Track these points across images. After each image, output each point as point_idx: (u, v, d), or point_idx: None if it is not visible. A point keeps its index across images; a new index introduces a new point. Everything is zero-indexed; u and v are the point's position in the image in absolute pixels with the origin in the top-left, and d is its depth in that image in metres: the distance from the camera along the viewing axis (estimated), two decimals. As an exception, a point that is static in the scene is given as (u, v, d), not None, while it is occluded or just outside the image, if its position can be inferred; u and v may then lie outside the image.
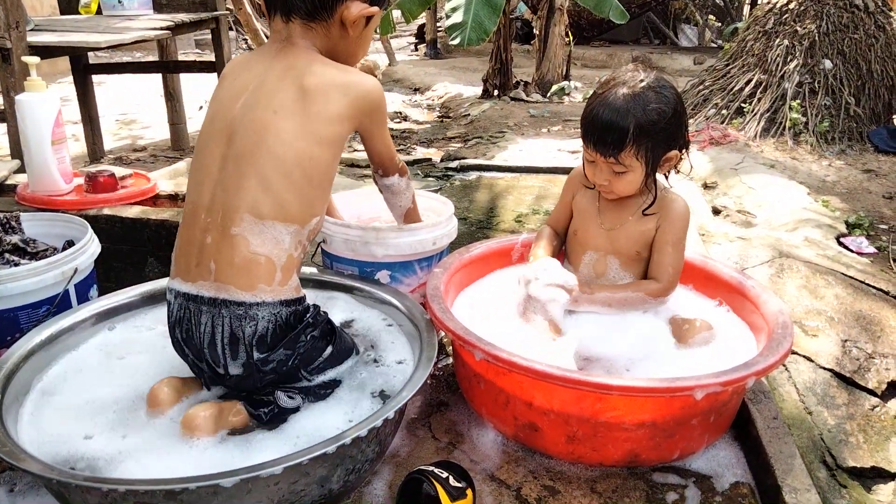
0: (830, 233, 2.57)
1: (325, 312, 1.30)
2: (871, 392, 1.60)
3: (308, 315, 1.23)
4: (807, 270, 2.09)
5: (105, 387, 1.27)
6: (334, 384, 1.29)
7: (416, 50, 10.33)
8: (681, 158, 1.51)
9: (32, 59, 1.86)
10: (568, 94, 5.97)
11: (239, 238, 1.14)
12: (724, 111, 4.01)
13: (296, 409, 1.21)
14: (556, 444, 1.30)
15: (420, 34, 10.26)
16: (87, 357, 1.37)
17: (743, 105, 3.96)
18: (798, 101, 3.78)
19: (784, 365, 1.64)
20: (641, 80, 1.42)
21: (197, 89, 5.24)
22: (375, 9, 1.24)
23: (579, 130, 1.50)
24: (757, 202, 2.98)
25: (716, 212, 2.93)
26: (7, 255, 1.54)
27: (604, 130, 1.41)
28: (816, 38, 3.82)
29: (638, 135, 1.39)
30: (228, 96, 1.21)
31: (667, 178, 1.55)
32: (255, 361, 1.15)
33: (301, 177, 1.17)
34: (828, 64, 3.80)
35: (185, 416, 1.14)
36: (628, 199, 1.54)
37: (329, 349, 1.28)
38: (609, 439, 1.26)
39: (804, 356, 1.69)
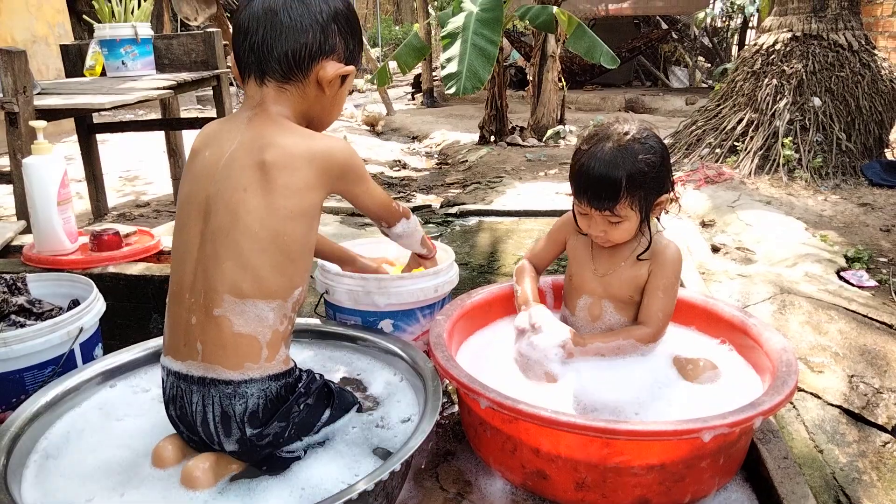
0: (830, 267, 2.58)
1: (319, 376, 1.29)
2: (882, 428, 1.58)
3: (300, 385, 1.21)
4: (809, 306, 2.09)
5: (106, 448, 1.26)
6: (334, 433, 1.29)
7: (413, 99, 10.53)
8: (670, 200, 1.55)
9: (39, 124, 1.90)
10: (563, 138, 6.06)
11: (222, 319, 1.13)
12: (717, 150, 4.07)
13: (297, 458, 1.21)
14: (565, 491, 1.28)
15: (416, 84, 10.48)
16: (89, 417, 1.36)
17: (736, 143, 4.02)
18: (790, 138, 3.84)
19: (791, 402, 1.63)
20: (626, 133, 1.46)
21: (199, 144, 5.32)
22: (351, 68, 1.23)
23: (569, 179, 1.54)
24: (755, 238, 3.00)
25: (715, 249, 2.95)
26: (13, 317, 1.55)
27: (597, 185, 1.44)
28: (804, 76, 3.91)
29: (631, 186, 1.43)
30: (202, 172, 1.19)
31: (658, 220, 1.58)
32: (250, 438, 1.14)
33: (278, 253, 1.15)
34: (817, 101, 3.88)
35: (183, 470, 1.14)
36: (621, 246, 1.57)
37: (327, 412, 1.27)
38: (619, 485, 1.24)
39: (811, 393, 1.68)
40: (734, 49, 10.87)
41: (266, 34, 1.15)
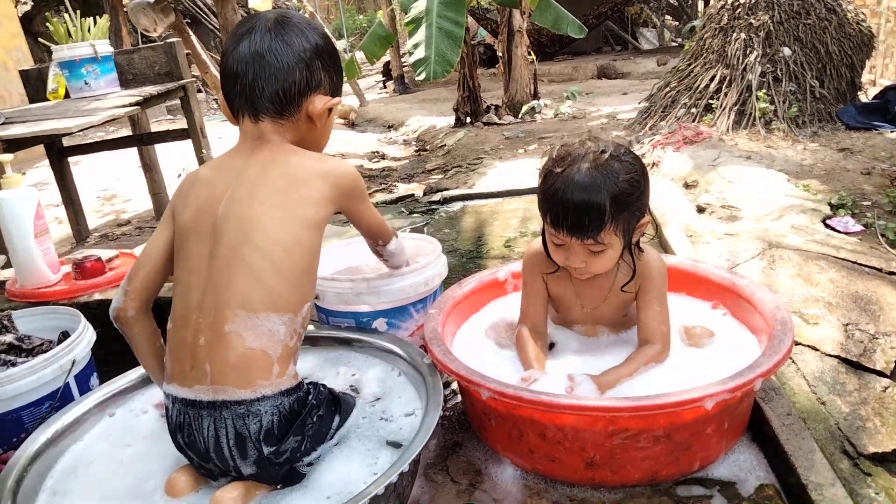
0: (816, 216, 2.59)
1: (324, 387, 1.29)
2: (881, 373, 1.60)
3: (311, 397, 1.22)
4: (798, 258, 2.11)
5: (116, 478, 1.25)
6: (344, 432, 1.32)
7: (385, 87, 10.45)
8: (647, 222, 1.42)
9: (6, 157, 1.87)
10: (539, 112, 6.04)
11: (233, 335, 1.12)
12: (693, 109, 4.06)
13: (310, 465, 1.22)
14: (575, 471, 1.29)
15: (387, 71, 10.40)
16: (94, 448, 1.35)
17: (711, 101, 4.01)
18: (764, 90, 3.84)
19: (791, 358, 1.64)
20: (603, 151, 1.32)
21: (173, 156, 5.26)
22: (337, 99, 1.30)
23: (541, 206, 1.38)
24: (739, 195, 3.01)
25: (700, 210, 2.95)
26: (3, 356, 1.53)
27: (579, 212, 1.29)
28: (771, 27, 3.89)
29: (616, 210, 1.29)
30: (208, 201, 1.21)
31: (638, 245, 1.46)
32: (268, 456, 1.14)
33: (290, 265, 1.18)
34: (787, 51, 3.88)
35: (212, 501, 1.13)
36: (602, 276, 1.45)
37: (337, 419, 1.28)
38: (627, 460, 1.25)
39: (808, 346, 1.70)
40: (700, 4, 10.85)
41: (256, 77, 1.21)
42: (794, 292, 1.93)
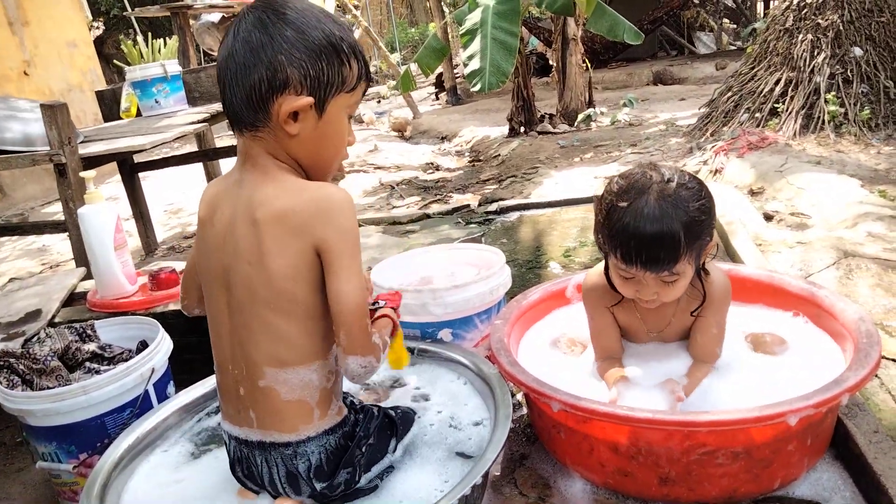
0: (894, 224, 2.48)
1: (377, 410, 1.25)
2: (974, 389, 1.51)
3: (359, 429, 1.19)
4: (877, 268, 2.01)
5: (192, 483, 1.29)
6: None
7: (437, 99, 10.52)
8: (715, 243, 1.39)
9: (89, 174, 1.96)
10: (594, 121, 5.98)
11: (268, 389, 1.10)
12: (757, 114, 3.94)
13: (374, 488, 1.21)
14: (648, 487, 1.26)
15: (439, 83, 10.46)
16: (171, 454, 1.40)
17: (776, 105, 3.89)
18: (833, 93, 3.70)
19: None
20: (669, 181, 1.29)
21: (236, 170, 5.44)
22: (309, 99, 1.05)
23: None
24: (809, 202, 2.90)
25: (767, 218, 2.86)
26: (87, 364, 1.60)
27: (653, 246, 1.25)
28: (841, 27, 3.75)
29: (689, 239, 1.25)
30: (213, 243, 1.14)
31: (703, 267, 1.42)
32: (322, 491, 1.14)
33: (302, 316, 1.08)
34: (858, 51, 3.72)
35: None
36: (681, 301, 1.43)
37: (393, 441, 1.26)
38: (704, 476, 1.21)
39: (892, 359, 1.62)
40: (759, 6, 10.55)
41: (225, 81, 1.06)
42: (874, 303, 1.84)
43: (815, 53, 3.82)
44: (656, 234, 1.24)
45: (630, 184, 1.30)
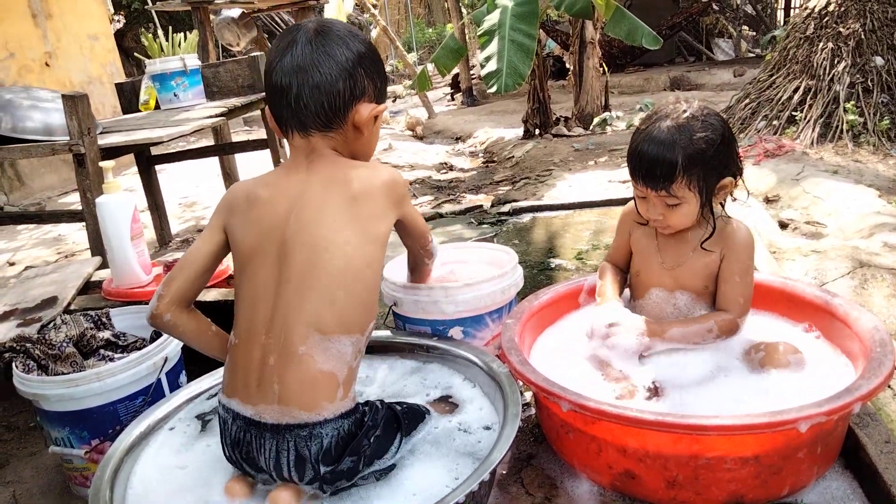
0: (911, 235, 2.45)
1: (381, 404, 1.28)
2: None
3: (367, 418, 1.21)
4: (892, 278, 2.00)
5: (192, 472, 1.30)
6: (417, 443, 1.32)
7: (453, 99, 10.53)
8: (735, 185, 1.49)
9: (108, 164, 1.99)
10: (610, 125, 5.96)
11: (305, 357, 1.14)
12: (774, 122, 3.92)
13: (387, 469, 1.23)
14: (655, 490, 1.26)
15: (455, 84, 10.47)
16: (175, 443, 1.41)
17: (794, 113, 3.87)
18: (852, 102, 3.67)
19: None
20: (685, 111, 1.42)
21: (250, 165, 5.47)
22: (383, 106, 1.29)
23: (626, 161, 1.51)
24: (825, 211, 2.88)
25: (783, 226, 2.84)
26: (102, 351, 1.62)
27: (651, 164, 1.40)
28: (862, 36, 3.72)
29: (687, 165, 1.38)
30: (271, 221, 1.21)
31: (723, 206, 1.52)
32: (324, 475, 1.15)
33: (362, 286, 1.19)
34: (879, 61, 3.69)
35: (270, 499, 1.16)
36: (686, 234, 1.52)
37: (398, 437, 1.26)
38: (712, 481, 1.21)
39: (906, 371, 1.60)
40: (780, 14, 10.48)
41: (301, 91, 1.19)
42: (889, 313, 1.83)
43: (836, 62, 3.79)
44: (655, 154, 1.39)
45: (657, 110, 1.46)
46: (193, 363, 1.83)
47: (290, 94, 1.20)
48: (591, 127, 5.94)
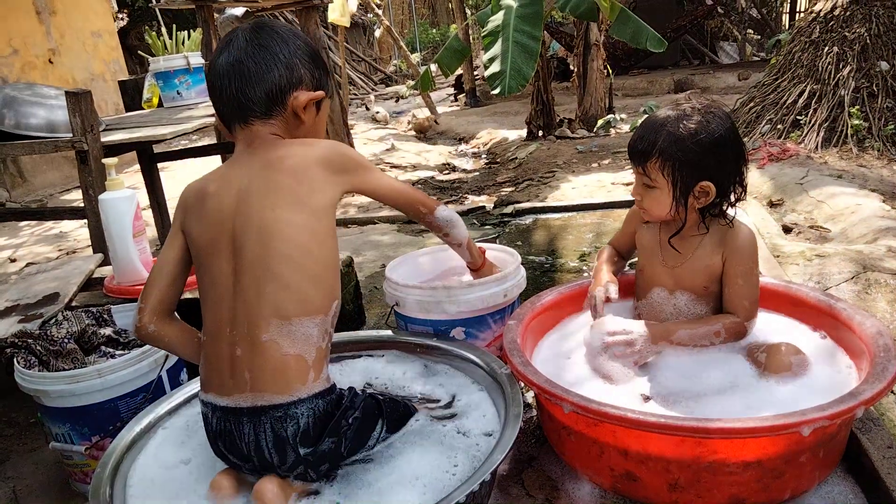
0: (915, 240, 2.45)
1: (363, 391, 1.30)
2: None
3: (344, 400, 1.23)
4: (896, 283, 1.99)
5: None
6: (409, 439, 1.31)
7: (456, 100, 10.53)
8: (725, 198, 1.45)
9: (111, 161, 1.98)
10: (614, 127, 5.95)
11: (269, 343, 1.15)
12: (779, 126, 3.91)
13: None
14: (657, 493, 1.25)
15: (458, 84, 10.47)
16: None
17: (798, 117, 3.86)
18: (857, 107, 3.66)
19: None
20: (693, 105, 1.46)
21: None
22: (321, 93, 1.30)
23: (630, 162, 1.54)
24: (829, 215, 2.87)
25: (786, 230, 2.84)
26: (103, 348, 1.62)
27: (637, 139, 1.46)
28: (868, 41, 3.72)
29: (664, 148, 1.41)
30: (218, 215, 1.22)
31: (708, 212, 1.48)
32: (305, 457, 1.16)
33: (315, 265, 1.19)
34: (884, 65, 3.68)
35: (254, 491, 1.16)
36: (689, 235, 1.52)
37: (379, 424, 1.27)
38: (714, 484, 1.20)
39: (909, 376, 1.59)
40: (785, 18, 10.47)
41: (238, 83, 1.23)
42: (892, 318, 1.82)
43: (841, 66, 3.79)
44: (643, 132, 1.46)
45: (674, 105, 1.49)
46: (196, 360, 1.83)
47: (231, 87, 1.23)
48: (595, 129, 5.93)
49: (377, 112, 8.86)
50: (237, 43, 1.25)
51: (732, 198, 1.47)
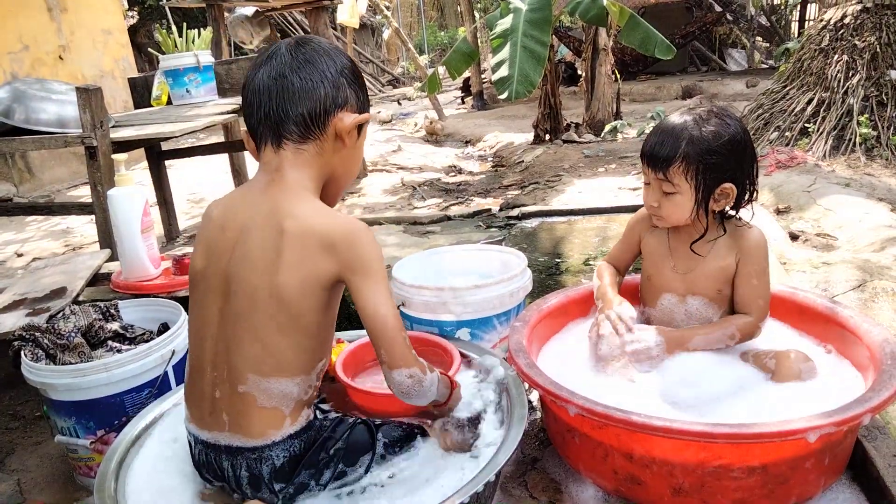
0: (922, 250, 2.44)
1: (350, 419, 1.24)
2: None
3: (324, 432, 1.19)
4: (904, 292, 1.98)
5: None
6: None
7: (463, 103, 10.54)
8: (741, 199, 1.46)
9: (120, 157, 2.00)
10: (621, 132, 5.95)
11: (247, 395, 1.13)
12: (787, 133, 3.90)
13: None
14: (661, 497, 1.25)
15: (466, 87, 10.48)
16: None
17: (807, 125, 3.85)
18: (866, 115, 3.66)
19: (896, 396, 1.54)
20: (705, 108, 1.46)
21: (254, 163, 5.49)
22: (367, 115, 1.22)
23: (636, 167, 1.51)
24: (836, 224, 2.87)
25: (793, 237, 2.83)
26: (109, 343, 1.63)
27: (656, 145, 1.44)
28: (878, 49, 3.71)
29: (689, 152, 1.40)
30: (216, 247, 1.17)
31: (724, 215, 1.50)
32: (279, 492, 1.15)
33: (298, 333, 1.13)
34: (894, 74, 3.68)
35: None
36: (700, 239, 1.50)
37: (370, 452, 1.22)
38: (718, 489, 1.20)
39: (916, 385, 1.58)
40: (794, 26, 10.46)
41: (279, 99, 1.13)
42: (899, 327, 1.81)
43: (850, 75, 3.78)
44: (662, 137, 1.43)
45: (688, 111, 1.49)
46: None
47: (270, 103, 1.13)
48: (602, 134, 5.93)
49: (378, 112, 8.88)
50: (281, 57, 1.15)
51: (747, 197, 1.48)
